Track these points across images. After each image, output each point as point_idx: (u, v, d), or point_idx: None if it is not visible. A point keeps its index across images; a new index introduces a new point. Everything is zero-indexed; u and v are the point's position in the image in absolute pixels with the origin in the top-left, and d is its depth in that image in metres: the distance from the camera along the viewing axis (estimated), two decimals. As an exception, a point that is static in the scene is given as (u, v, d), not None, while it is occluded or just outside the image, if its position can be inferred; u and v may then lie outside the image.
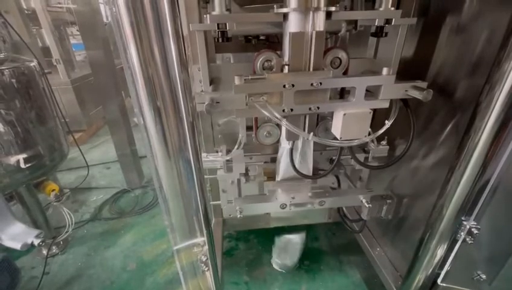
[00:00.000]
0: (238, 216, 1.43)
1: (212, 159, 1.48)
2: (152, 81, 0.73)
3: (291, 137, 1.30)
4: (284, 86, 1.07)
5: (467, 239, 1.10)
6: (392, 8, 1.12)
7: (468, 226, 1.08)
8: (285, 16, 1.08)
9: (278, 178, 1.52)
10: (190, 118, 0.83)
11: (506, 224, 1.09)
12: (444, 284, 1.26)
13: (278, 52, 1.25)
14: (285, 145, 1.39)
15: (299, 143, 1.37)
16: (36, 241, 1.40)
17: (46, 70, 2.18)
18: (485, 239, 1.12)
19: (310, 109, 1.15)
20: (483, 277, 1.21)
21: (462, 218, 1.09)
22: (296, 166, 1.40)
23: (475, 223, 1.08)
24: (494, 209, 1.06)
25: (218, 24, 1.07)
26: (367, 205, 1.45)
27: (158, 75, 0.73)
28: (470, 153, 0.98)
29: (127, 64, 0.72)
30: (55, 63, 4.29)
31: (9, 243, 1.37)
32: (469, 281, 1.24)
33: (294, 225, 2.29)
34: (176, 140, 0.83)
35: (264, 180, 1.63)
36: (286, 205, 1.43)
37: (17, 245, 1.37)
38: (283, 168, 1.47)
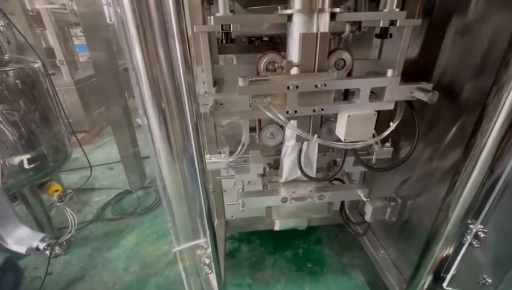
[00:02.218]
0: (241, 209, 1.43)
1: (215, 161, 1.48)
2: (157, 82, 0.73)
3: (301, 138, 1.29)
4: (288, 88, 1.06)
5: (474, 243, 1.09)
6: (397, 9, 1.11)
7: (474, 230, 1.06)
8: (289, 17, 1.08)
9: (282, 179, 1.51)
10: (194, 120, 0.83)
11: (513, 227, 1.07)
12: (450, 288, 1.25)
13: (282, 53, 1.25)
14: (289, 144, 1.38)
15: (304, 144, 1.36)
16: (41, 245, 1.40)
17: (50, 72, 2.19)
18: (492, 243, 1.11)
19: (314, 110, 1.15)
20: (489, 281, 1.20)
21: (469, 221, 1.08)
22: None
23: (482, 227, 1.06)
24: (501, 213, 1.04)
25: (222, 25, 1.07)
26: (365, 199, 1.44)
27: (163, 76, 0.72)
28: (477, 155, 0.97)
29: (131, 65, 0.72)
30: (58, 64, 4.32)
31: (14, 247, 1.37)
32: (475, 285, 1.23)
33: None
34: (180, 141, 0.82)
35: (268, 181, 1.63)
36: (287, 198, 1.43)
37: (22, 249, 1.37)
38: (287, 168, 1.46)
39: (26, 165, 1.90)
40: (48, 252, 2.24)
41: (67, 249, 2.43)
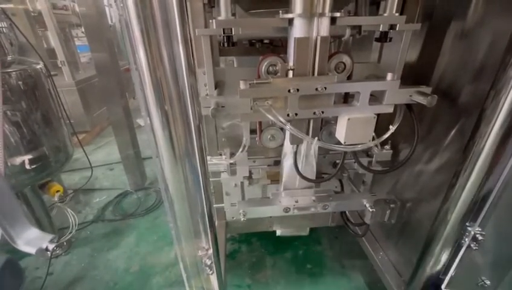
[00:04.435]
0: (242, 219, 1.44)
1: (215, 162, 1.49)
2: (160, 85, 0.74)
3: (295, 141, 1.31)
4: (289, 91, 1.07)
5: (472, 245, 1.10)
6: (396, 14, 1.12)
7: (472, 232, 1.07)
8: (290, 21, 1.09)
9: (282, 181, 1.52)
10: (197, 122, 0.84)
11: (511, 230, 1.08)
12: (448, 290, 1.26)
13: (282, 55, 1.26)
14: (289, 148, 1.40)
15: (303, 147, 1.37)
16: (50, 246, 1.41)
17: (52, 73, 2.21)
18: (490, 245, 1.12)
19: (314, 113, 1.16)
20: (488, 283, 1.20)
21: (467, 223, 1.09)
22: (300, 169, 1.41)
23: (480, 229, 1.07)
24: (500, 215, 1.05)
25: (224, 29, 1.08)
26: (370, 210, 1.45)
27: (166, 79, 0.74)
28: (475, 158, 0.98)
29: (135, 67, 0.73)
30: (60, 65, 4.34)
31: (24, 248, 1.38)
32: (473, 287, 1.24)
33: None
34: (182, 143, 0.83)
35: (267, 183, 1.63)
36: (289, 208, 1.43)
37: (32, 250, 1.38)
38: (287, 171, 1.48)
39: (27, 166, 1.91)
40: (48, 253, 2.26)
41: (67, 249, 2.44)
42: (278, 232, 1.68)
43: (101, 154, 4.27)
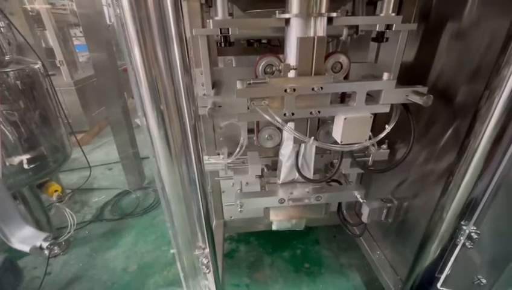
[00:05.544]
0: (239, 210, 1.44)
1: (213, 162, 1.50)
2: (156, 84, 0.74)
3: (298, 140, 1.31)
4: (286, 91, 1.08)
5: (467, 244, 1.11)
6: (393, 14, 1.13)
7: (467, 231, 1.08)
8: (287, 21, 1.10)
9: (279, 181, 1.53)
10: (193, 121, 0.85)
11: (507, 228, 1.09)
12: (444, 289, 1.26)
13: (280, 55, 1.26)
14: (286, 148, 1.40)
15: (301, 146, 1.38)
16: (45, 245, 1.43)
17: (50, 72, 2.20)
18: (486, 243, 1.13)
19: (311, 113, 1.16)
20: (484, 281, 1.21)
21: (462, 222, 1.10)
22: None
23: (474, 228, 1.08)
24: (495, 214, 1.06)
25: (221, 29, 1.09)
26: (361, 200, 1.46)
27: (162, 78, 0.74)
28: (470, 158, 0.99)
29: (131, 67, 0.74)
30: (58, 65, 4.33)
31: (19, 246, 1.40)
32: (469, 286, 1.24)
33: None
34: (178, 143, 0.84)
35: (265, 182, 1.64)
36: (284, 199, 1.45)
37: (26, 248, 1.40)
38: (284, 171, 1.48)
39: (25, 166, 1.91)
40: (46, 252, 2.26)
41: (66, 249, 2.44)
42: (274, 227, 1.69)
43: (100, 154, 4.27)
